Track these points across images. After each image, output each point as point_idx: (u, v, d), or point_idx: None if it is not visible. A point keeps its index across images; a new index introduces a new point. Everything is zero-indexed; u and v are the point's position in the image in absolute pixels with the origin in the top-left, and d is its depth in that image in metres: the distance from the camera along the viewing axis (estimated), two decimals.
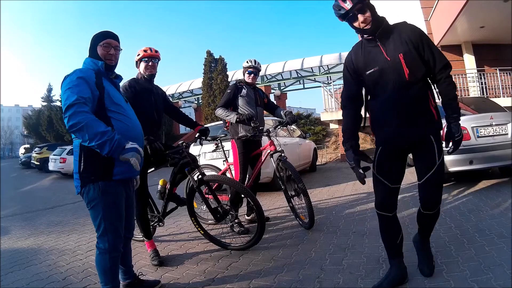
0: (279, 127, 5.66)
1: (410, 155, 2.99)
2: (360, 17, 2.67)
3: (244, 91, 5.35)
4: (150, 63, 4.24)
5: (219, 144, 5.82)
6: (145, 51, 4.23)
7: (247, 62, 5.46)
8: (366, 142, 19.75)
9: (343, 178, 10.02)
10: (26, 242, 5.65)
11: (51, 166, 19.68)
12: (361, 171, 2.93)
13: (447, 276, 2.92)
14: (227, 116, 5.10)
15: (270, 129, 5.45)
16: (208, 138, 4.74)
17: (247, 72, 5.44)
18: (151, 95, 4.24)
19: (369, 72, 2.79)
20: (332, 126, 19.79)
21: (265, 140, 5.45)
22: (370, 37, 2.79)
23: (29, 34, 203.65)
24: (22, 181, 19.41)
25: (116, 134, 2.46)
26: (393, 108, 2.75)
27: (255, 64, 5.42)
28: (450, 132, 2.74)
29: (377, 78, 2.78)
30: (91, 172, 2.62)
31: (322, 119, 18.69)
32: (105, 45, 2.84)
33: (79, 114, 2.40)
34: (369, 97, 3.01)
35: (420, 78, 2.69)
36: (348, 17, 2.72)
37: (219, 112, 5.21)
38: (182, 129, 35.39)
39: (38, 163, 24.64)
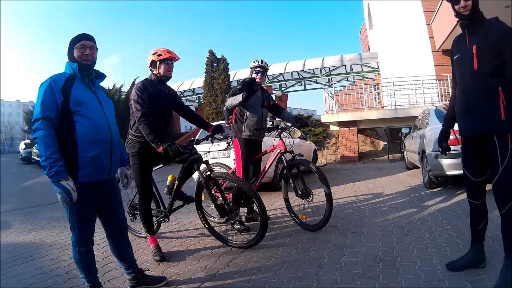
0: (291, 128, 5.67)
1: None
2: (462, 2, 2.86)
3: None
4: (171, 65, 4.28)
5: (230, 143, 5.84)
6: (168, 52, 4.22)
7: (254, 62, 5.49)
8: (366, 144, 19.81)
9: (342, 180, 10.21)
10: (28, 237, 5.71)
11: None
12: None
13: (442, 275, 3.00)
14: (235, 99, 5.09)
15: (286, 128, 5.50)
16: (220, 136, 4.76)
17: (254, 71, 5.45)
18: (163, 97, 4.28)
19: (455, 57, 3.04)
20: (333, 128, 19.78)
21: (266, 141, 5.51)
22: (462, 24, 2.99)
23: (31, 30, 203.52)
24: (22, 177, 19.43)
25: (58, 165, 2.63)
26: (461, 94, 2.97)
27: (262, 63, 5.44)
28: None
29: (458, 64, 3.02)
30: None
31: (322, 121, 18.67)
32: (80, 47, 2.95)
33: (39, 131, 2.71)
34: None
35: (490, 73, 2.79)
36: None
37: (229, 100, 5.23)
38: (183, 127, 35.45)
39: (39, 159, 24.62)
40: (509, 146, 2.75)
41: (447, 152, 3.28)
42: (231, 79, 26.90)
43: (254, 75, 5.45)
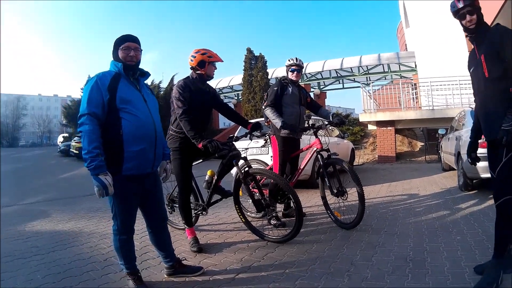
0: (328, 126, 5.63)
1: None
2: (468, 17, 3.01)
3: (289, 89, 5.40)
4: (215, 67, 4.46)
5: (268, 140, 5.92)
6: (217, 55, 4.39)
7: (289, 60, 5.53)
8: (403, 144, 19.61)
9: (379, 179, 10.12)
10: (67, 225, 5.96)
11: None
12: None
13: (469, 278, 3.04)
14: (274, 119, 5.14)
15: (322, 126, 5.48)
16: (258, 133, 4.87)
17: (290, 70, 5.50)
18: (203, 95, 4.42)
19: (471, 71, 3.19)
20: (371, 127, 19.59)
21: (304, 139, 5.58)
22: (470, 38, 3.15)
23: (68, 28, 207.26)
24: (61, 169, 19.87)
25: (98, 160, 2.81)
26: (479, 103, 3.13)
27: (297, 61, 5.48)
28: None
29: (474, 76, 3.16)
30: (106, 163, 2.91)
31: (360, 120, 18.59)
32: (124, 48, 3.11)
33: (84, 126, 2.87)
34: None
35: (499, 78, 2.88)
36: (459, 14, 3.06)
37: (268, 112, 5.25)
38: (222, 124, 35.58)
39: (77, 152, 24.72)
40: None
41: (476, 163, 3.39)
42: (269, 77, 26.86)
43: (289, 73, 5.51)
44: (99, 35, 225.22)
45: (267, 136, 5.74)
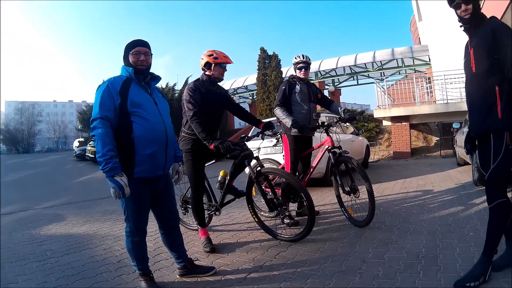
0: (338, 123, 5.66)
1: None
2: (463, 7, 2.94)
3: (297, 87, 5.37)
4: (225, 69, 4.44)
5: (279, 139, 5.88)
6: (224, 57, 4.37)
7: (296, 57, 5.48)
8: (418, 140, 19.47)
9: (393, 176, 10.08)
10: (82, 228, 6.04)
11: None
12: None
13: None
14: (284, 119, 5.13)
15: (332, 124, 5.48)
16: (269, 132, 4.87)
17: (297, 67, 5.46)
18: (214, 96, 4.44)
19: (463, 62, 3.11)
20: (385, 123, 19.53)
21: (317, 136, 5.59)
22: (464, 28, 3.08)
23: (82, 33, 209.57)
24: (76, 173, 20.07)
25: (113, 162, 2.85)
26: (467, 97, 3.09)
27: (304, 58, 5.42)
28: None
29: (464, 68, 3.11)
30: (120, 166, 2.94)
31: (375, 116, 18.48)
32: (135, 53, 3.14)
33: (97, 129, 2.91)
34: None
35: (486, 73, 2.84)
36: (454, 4, 3.00)
37: (278, 112, 5.24)
38: (237, 124, 35.68)
39: (93, 156, 24.91)
40: (503, 143, 2.78)
41: (473, 153, 3.39)
42: (283, 75, 26.82)
43: (297, 71, 5.47)
44: (111, 41, 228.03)
45: (279, 135, 5.70)
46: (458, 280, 2.86)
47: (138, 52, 3.15)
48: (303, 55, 5.43)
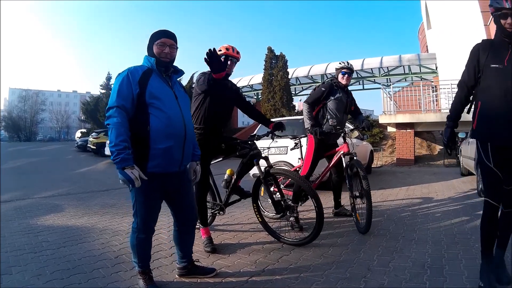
0: (355, 131, 5.60)
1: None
2: (509, 19, 2.77)
3: (338, 95, 5.43)
4: (229, 62, 4.28)
5: (298, 143, 5.96)
6: (227, 49, 4.30)
7: (340, 63, 5.56)
8: (422, 148, 19.39)
9: (397, 182, 10.02)
10: (80, 221, 5.96)
11: (107, 150, 19.98)
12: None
13: None
14: (306, 120, 5.23)
15: (346, 130, 5.50)
16: (289, 136, 4.80)
17: (341, 73, 5.51)
18: (225, 89, 4.36)
19: (493, 66, 2.91)
20: (390, 129, 19.39)
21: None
22: (507, 40, 2.88)
23: (89, 26, 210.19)
24: (77, 164, 20.13)
25: (125, 153, 2.75)
26: (502, 109, 2.87)
27: (348, 64, 5.50)
28: None
29: (497, 74, 2.88)
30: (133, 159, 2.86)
31: (380, 122, 18.39)
32: (160, 44, 3.05)
33: (112, 118, 2.81)
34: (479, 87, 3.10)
35: None
36: (501, 13, 2.82)
37: (305, 109, 5.33)
38: (240, 122, 35.65)
39: (94, 147, 25.05)
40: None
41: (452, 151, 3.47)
42: (289, 76, 26.80)
43: (340, 76, 5.52)
44: (116, 35, 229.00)
45: (298, 139, 5.77)
46: None
47: (163, 44, 3.06)
48: (347, 62, 5.55)
